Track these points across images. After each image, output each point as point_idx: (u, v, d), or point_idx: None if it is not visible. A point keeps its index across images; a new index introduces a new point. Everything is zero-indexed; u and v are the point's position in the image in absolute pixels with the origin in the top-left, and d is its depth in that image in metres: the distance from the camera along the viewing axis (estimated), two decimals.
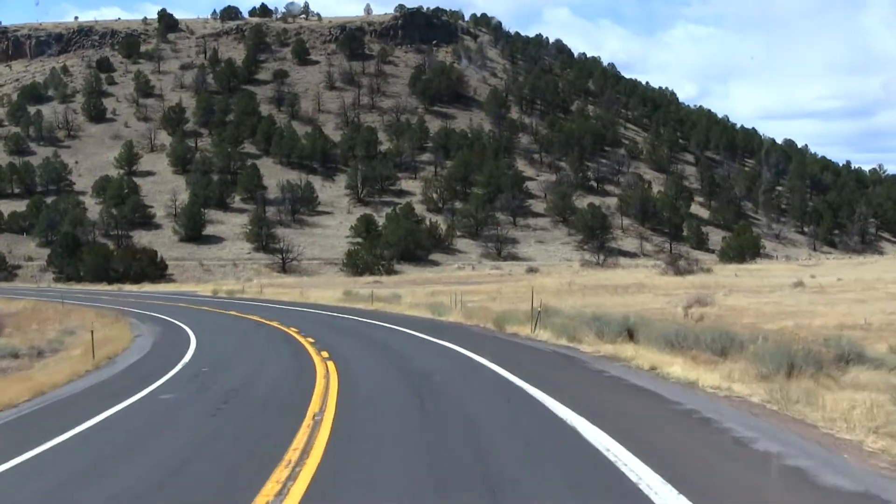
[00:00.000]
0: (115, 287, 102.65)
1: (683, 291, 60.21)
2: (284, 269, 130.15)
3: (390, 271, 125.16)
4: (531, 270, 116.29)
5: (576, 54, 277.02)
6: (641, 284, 70.85)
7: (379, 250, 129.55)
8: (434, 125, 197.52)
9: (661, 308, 46.93)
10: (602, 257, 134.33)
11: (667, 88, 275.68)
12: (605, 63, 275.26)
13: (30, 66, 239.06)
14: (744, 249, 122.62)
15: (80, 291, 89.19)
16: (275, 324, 36.26)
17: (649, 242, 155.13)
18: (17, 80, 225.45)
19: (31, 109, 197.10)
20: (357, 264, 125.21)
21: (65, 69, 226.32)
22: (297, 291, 72.94)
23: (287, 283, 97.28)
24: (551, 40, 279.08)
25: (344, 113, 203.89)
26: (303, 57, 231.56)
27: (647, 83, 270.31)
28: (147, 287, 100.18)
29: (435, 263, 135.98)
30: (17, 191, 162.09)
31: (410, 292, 71.07)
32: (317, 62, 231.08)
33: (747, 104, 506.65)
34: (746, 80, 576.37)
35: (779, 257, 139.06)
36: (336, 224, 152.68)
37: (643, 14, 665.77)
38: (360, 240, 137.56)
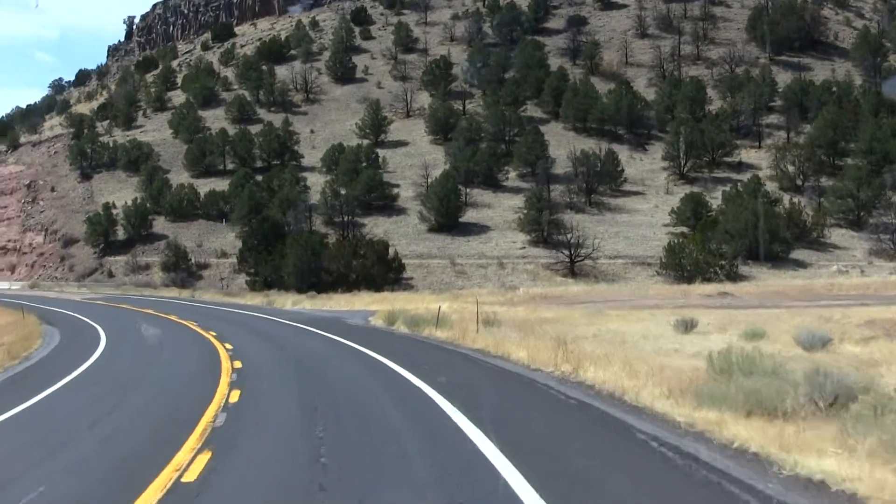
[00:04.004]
0: (265, 301, 72.37)
1: None
2: (573, 270, 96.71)
3: (733, 275, 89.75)
4: None
5: None
6: None
7: (715, 244, 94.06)
8: (782, 79, 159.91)
9: None
10: None
11: None
12: None
13: (276, 23, 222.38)
14: None
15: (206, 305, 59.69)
16: None
17: None
18: (260, 39, 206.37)
19: (266, 72, 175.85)
20: (682, 265, 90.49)
21: (314, 23, 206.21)
22: (573, 311, 39.13)
23: (568, 296, 63.52)
24: None
25: (659, 65, 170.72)
26: (606, 0, 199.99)
27: None
28: (340, 302, 68.27)
29: (799, 264, 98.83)
30: (230, 166, 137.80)
31: (818, 321, 35.90)
32: (624, 6, 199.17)
33: None
34: None
35: None
36: (649, 208, 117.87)
37: None
38: (685, 230, 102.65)
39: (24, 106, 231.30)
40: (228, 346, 30.02)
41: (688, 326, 32.65)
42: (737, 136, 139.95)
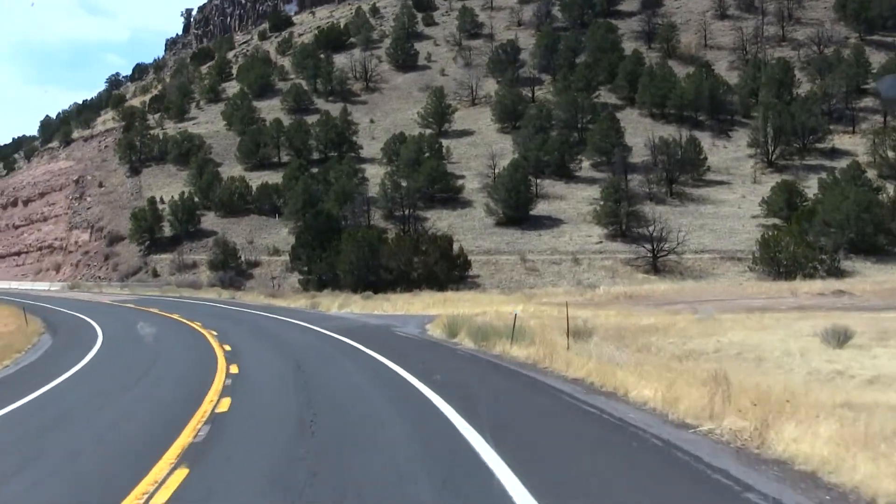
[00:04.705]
0: (308, 303, 65.48)
1: None
2: (655, 266, 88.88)
3: (834, 271, 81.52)
4: None
5: None
6: None
7: (812, 237, 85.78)
8: (876, 59, 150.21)
9: None
10: None
11: None
12: None
13: (335, 10, 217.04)
14: None
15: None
16: None
17: None
18: (318, 27, 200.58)
19: (324, 60, 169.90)
20: (777, 260, 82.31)
21: (374, 10, 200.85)
22: (676, 316, 31.67)
23: (656, 295, 55.97)
24: None
25: (741, 47, 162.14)
26: None
27: None
28: (397, 304, 60.75)
29: None
30: (285, 158, 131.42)
31: None
32: None
33: None
34: None
35: None
36: (736, 198, 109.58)
37: None
38: (777, 221, 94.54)
39: (80, 102, 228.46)
40: (234, 370, 23.11)
41: (840, 338, 24.99)
42: (829, 120, 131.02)
